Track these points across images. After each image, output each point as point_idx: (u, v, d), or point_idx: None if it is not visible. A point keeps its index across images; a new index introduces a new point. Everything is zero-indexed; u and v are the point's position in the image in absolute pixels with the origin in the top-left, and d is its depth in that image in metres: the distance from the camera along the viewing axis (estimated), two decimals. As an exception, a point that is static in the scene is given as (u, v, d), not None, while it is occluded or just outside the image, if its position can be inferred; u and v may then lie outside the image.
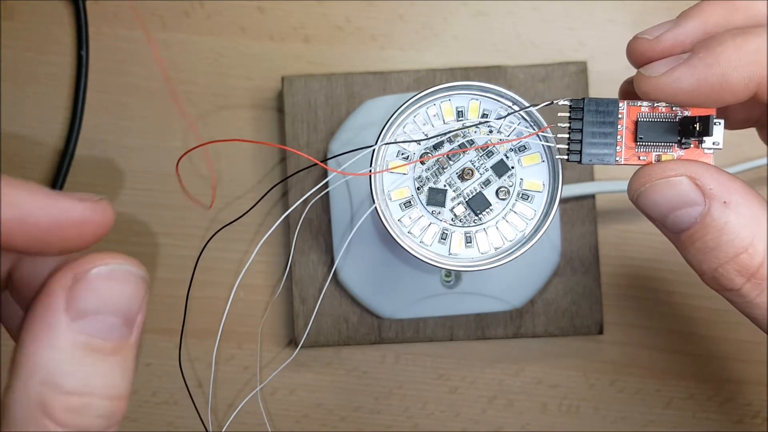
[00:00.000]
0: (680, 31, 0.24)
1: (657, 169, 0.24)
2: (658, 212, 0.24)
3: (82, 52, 0.41)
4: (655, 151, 0.25)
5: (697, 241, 0.23)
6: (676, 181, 0.24)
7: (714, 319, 0.41)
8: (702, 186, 0.23)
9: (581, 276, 0.40)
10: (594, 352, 0.41)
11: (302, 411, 0.41)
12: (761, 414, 0.41)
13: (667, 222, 0.24)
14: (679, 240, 0.24)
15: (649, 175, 0.24)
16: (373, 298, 0.39)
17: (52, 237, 0.21)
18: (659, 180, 0.24)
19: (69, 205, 0.21)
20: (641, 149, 0.25)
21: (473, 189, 0.27)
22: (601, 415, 0.41)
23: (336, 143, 0.40)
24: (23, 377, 0.19)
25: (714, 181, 0.23)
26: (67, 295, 0.19)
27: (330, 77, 0.40)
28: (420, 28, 0.42)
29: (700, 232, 0.23)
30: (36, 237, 0.20)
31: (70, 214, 0.21)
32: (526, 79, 0.40)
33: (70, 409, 0.19)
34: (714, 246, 0.23)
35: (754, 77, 0.23)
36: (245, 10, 0.42)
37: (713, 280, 0.24)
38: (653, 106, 0.25)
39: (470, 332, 0.40)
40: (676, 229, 0.24)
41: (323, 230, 0.40)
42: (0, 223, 0.19)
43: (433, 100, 0.27)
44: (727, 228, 0.23)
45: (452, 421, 0.41)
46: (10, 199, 0.20)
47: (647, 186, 0.24)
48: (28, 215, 0.20)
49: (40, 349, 0.19)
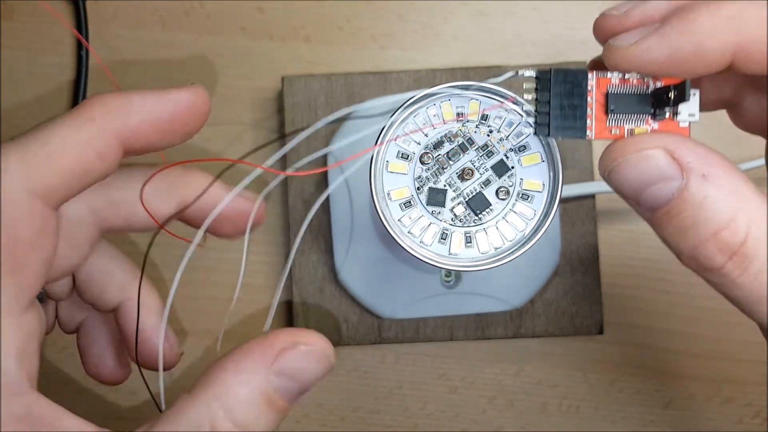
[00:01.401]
0: (649, 5, 0.23)
1: (630, 142, 0.23)
2: (631, 188, 0.22)
3: (82, 52, 0.41)
4: (628, 124, 0.24)
5: (674, 219, 0.22)
6: (651, 154, 0.22)
7: (714, 319, 0.41)
8: (679, 159, 0.22)
9: (581, 276, 0.40)
10: (594, 352, 0.41)
11: (302, 411, 0.41)
12: (761, 414, 0.41)
13: (642, 199, 0.22)
14: (654, 218, 0.23)
15: (621, 149, 0.23)
16: (373, 298, 0.39)
17: (174, 126, 0.24)
18: (633, 154, 0.22)
19: (176, 96, 0.24)
20: (613, 122, 0.24)
21: (473, 189, 0.27)
22: (601, 415, 0.41)
23: (336, 143, 0.40)
24: (207, 394, 0.23)
25: (692, 153, 0.22)
26: (280, 353, 0.23)
27: (330, 77, 0.40)
28: (420, 28, 0.42)
29: (678, 208, 0.22)
30: (164, 130, 0.24)
31: (181, 103, 0.24)
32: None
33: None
34: (692, 223, 0.22)
35: (729, 44, 0.22)
36: (245, 10, 0.42)
37: (692, 260, 0.22)
38: (624, 77, 0.24)
39: (470, 332, 0.40)
40: (651, 207, 0.22)
41: (323, 230, 0.40)
42: (134, 130, 0.24)
43: (433, 100, 0.27)
44: (707, 203, 0.21)
45: (452, 421, 0.41)
46: (135, 107, 0.24)
47: (620, 161, 0.22)
48: (152, 115, 0.24)
49: (235, 381, 0.23)
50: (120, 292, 0.29)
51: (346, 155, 0.39)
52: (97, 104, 0.23)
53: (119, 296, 0.30)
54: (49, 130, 0.23)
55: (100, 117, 0.23)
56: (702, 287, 0.44)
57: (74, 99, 0.41)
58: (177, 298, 0.41)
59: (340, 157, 0.39)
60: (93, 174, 0.24)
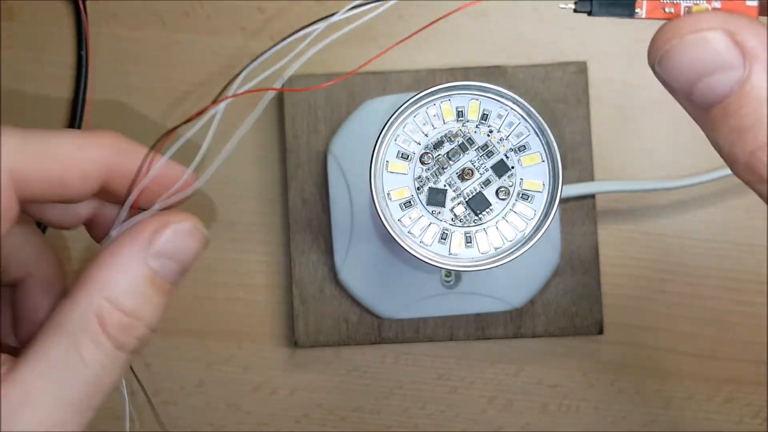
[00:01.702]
0: None
1: (687, 21, 0.19)
2: (684, 78, 0.19)
3: (82, 52, 0.41)
4: (686, 1, 0.21)
5: (731, 116, 0.19)
6: (710, 36, 0.19)
7: (714, 319, 0.41)
8: (742, 44, 0.18)
9: (581, 276, 0.40)
10: (594, 352, 0.41)
11: (302, 411, 0.41)
12: (761, 414, 0.41)
13: (696, 91, 0.19)
14: (708, 116, 0.19)
15: (676, 29, 0.19)
16: (373, 298, 0.39)
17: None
18: (689, 35, 0.19)
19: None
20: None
21: (473, 189, 0.27)
22: (601, 415, 0.41)
23: (336, 143, 0.40)
24: (89, 290, 0.22)
25: (757, 38, 0.18)
26: (152, 237, 0.23)
27: (330, 77, 0.40)
28: (420, 28, 0.42)
29: (737, 103, 0.18)
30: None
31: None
32: (526, 79, 0.40)
33: (121, 326, 0.22)
34: (753, 122, 0.18)
35: None
36: (245, 10, 0.42)
37: (748, 168, 0.19)
38: None
39: (470, 332, 0.40)
40: (705, 102, 0.19)
41: (323, 230, 0.40)
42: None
43: (433, 100, 0.27)
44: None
45: (452, 421, 0.41)
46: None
47: (674, 43, 0.19)
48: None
49: (114, 271, 0.23)
50: (23, 267, 0.27)
51: (345, 154, 0.39)
52: (108, 135, 0.24)
53: (21, 272, 0.27)
54: (54, 134, 0.23)
55: (108, 146, 0.24)
56: (702, 287, 0.44)
57: (74, 99, 0.41)
58: (177, 299, 0.41)
59: (340, 157, 0.39)
60: (67, 190, 0.23)
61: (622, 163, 0.41)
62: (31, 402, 0.21)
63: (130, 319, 0.23)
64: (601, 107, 0.41)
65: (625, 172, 0.41)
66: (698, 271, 0.41)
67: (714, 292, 0.41)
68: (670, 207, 0.41)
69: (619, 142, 0.41)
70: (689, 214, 0.41)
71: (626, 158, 0.41)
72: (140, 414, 0.41)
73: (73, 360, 0.22)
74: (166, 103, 0.42)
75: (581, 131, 0.40)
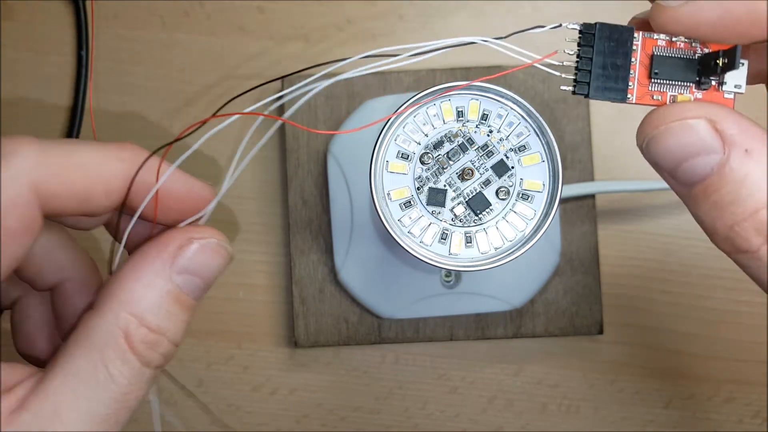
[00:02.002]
0: None
1: (672, 110, 0.21)
2: (669, 160, 0.21)
3: (82, 52, 0.41)
4: (671, 90, 0.23)
5: (712, 195, 0.21)
6: (694, 124, 0.21)
7: (714, 319, 0.41)
8: (722, 131, 0.20)
9: (581, 276, 0.40)
10: (594, 352, 0.41)
11: (302, 411, 0.41)
12: (761, 414, 0.41)
13: (679, 172, 0.21)
14: (690, 194, 0.21)
15: (663, 116, 0.21)
16: (373, 298, 0.39)
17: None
18: (674, 122, 0.21)
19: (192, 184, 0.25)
20: (655, 87, 0.23)
21: (473, 189, 0.27)
22: (601, 415, 0.41)
23: (336, 143, 0.40)
24: (114, 305, 0.22)
25: (735, 126, 0.20)
26: (177, 252, 0.23)
27: (330, 77, 0.40)
28: (420, 28, 0.42)
29: (717, 184, 0.20)
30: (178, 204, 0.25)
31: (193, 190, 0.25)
32: (526, 79, 0.40)
33: (147, 342, 0.23)
34: (731, 200, 0.20)
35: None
36: (245, 10, 0.42)
37: (726, 240, 0.21)
38: (671, 40, 0.23)
39: (470, 332, 0.40)
40: (688, 181, 0.21)
41: (323, 230, 0.40)
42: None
43: (433, 100, 0.27)
44: (748, 180, 0.20)
45: (452, 421, 0.41)
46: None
47: (661, 129, 0.21)
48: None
49: (139, 286, 0.23)
50: (59, 271, 0.27)
51: (345, 154, 0.39)
52: (129, 148, 0.24)
53: (58, 276, 0.27)
54: (75, 146, 0.23)
55: (128, 160, 0.24)
56: (702, 287, 0.44)
57: (74, 100, 0.41)
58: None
59: (339, 157, 0.39)
60: (92, 204, 0.23)
61: (622, 163, 0.41)
62: (60, 416, 0.22)
63: (155, 335, 0.23)
64: (601, 107, 0.41)
65: (625, 172, 0.41)
66: (698, 271, 0.41)
67: (714, 292, 0.41)
68: (670, 207, 0.41)
69: (619, 142, 0.41)
70: (689, 214, 0.41)
71: (626, 158, 0.41)
72: (142, 414, 0.41)
73: (101, 376, 0.22)
74: (166, 103, 0.42)
75: (581, 131, 0.40)
